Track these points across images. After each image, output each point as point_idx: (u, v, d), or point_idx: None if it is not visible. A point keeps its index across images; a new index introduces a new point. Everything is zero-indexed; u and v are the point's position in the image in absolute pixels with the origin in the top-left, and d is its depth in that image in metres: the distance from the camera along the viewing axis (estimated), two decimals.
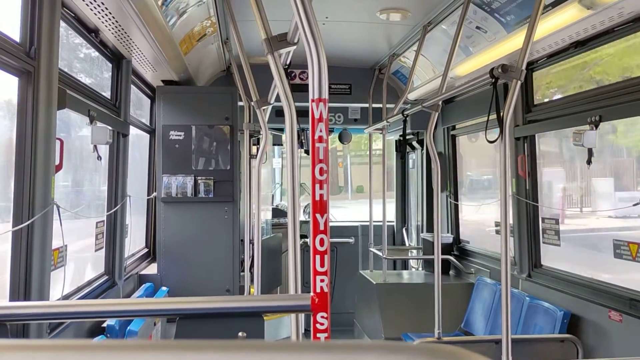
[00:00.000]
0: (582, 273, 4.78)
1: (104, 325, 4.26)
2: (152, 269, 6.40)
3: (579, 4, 3.69)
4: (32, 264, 3.11)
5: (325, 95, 2.05)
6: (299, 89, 5.89)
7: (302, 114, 2.48)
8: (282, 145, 9.36)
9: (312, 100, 2.05)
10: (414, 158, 8.66)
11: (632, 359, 3.47)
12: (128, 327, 4.41)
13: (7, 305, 2.48)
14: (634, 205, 3.82)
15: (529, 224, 5.34)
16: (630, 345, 3.91)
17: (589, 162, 4.28)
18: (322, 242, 2.01)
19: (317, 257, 2.02)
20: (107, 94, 4.96)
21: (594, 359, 4.29)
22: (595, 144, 4.21)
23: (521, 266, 5.37)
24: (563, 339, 4.37)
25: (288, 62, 3.38)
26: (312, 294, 1.99)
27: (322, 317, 1.92)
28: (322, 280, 1.98)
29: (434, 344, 0.56)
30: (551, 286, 4.93)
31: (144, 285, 5.89)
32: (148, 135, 6.68)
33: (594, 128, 4.18)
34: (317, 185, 2.03)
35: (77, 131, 4.72)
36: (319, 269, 1.99)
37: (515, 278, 5.33)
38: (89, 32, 4.28)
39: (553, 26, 4.13)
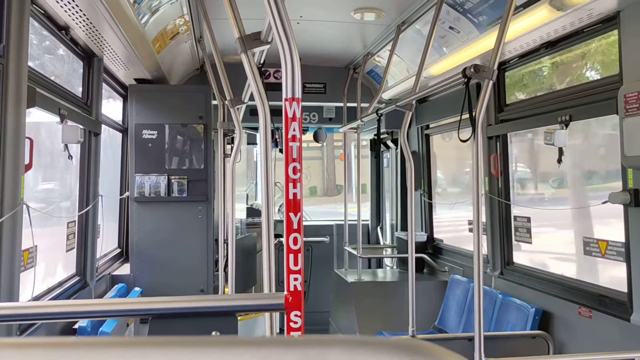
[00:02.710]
0: (552, 270, 4.86)
1: (76, 326, 4.20)
2: (124, 270, 6.33)
3: (549, 5, 3.75)
4: (0, 265, 3.05)
5: (299, 94, 2.05)
6: (273, 88, 5.88)
7: (277, 113, 2.48)
8: (256, 144, 9.33)
9: (286, 100, 2.05)
10: (388, 157, 8.70)
11: (601, 354, 3.53)
12: (100, 329, 4.36)
13: None
14: (603, 203, 3.89)
15: (501, 222, 5.40)
16: (599, 340, 3.99)
17: (559, 160, 4.35)
18: (295, 241, 2.01)
19: (291, 255, 2.02)
20: (78, 92, 4.89)
21: (564, 354, 4.36)
22: (565, 143, 4.28)
23: (494, 264, 5.43)
24: (534, 335, 4.44)
25: (262, 61, 3.37)
26: (285, 292, 1.99)
27: (296, 315, 1.92)
28: (295, 279, 1.98)
29: (401, 338, 0.57)
30: (523, 283, 5.00)
31: (116, 286, 5.82)
32: (120, 134, 6.61)
33: (565, 127, 4.25)
34: (291, 184, 2.04)
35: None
36: (292, 267, 1.99)
37: (488, 276, 5.39)
38: (59, 30, 4.21)
39: (524, 27, 4.19)
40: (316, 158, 20.71)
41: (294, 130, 2.03)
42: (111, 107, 6.37)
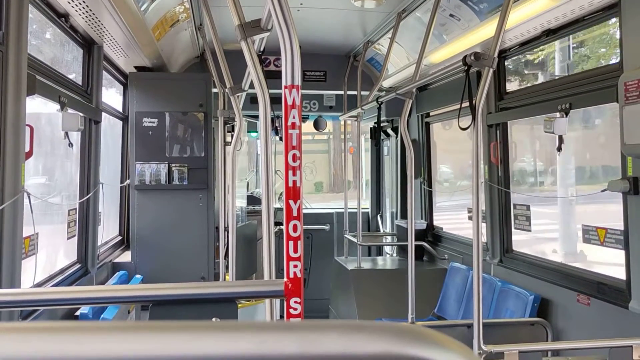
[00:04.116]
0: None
1: (77, 313, 4.23)
2: (125, 257, 6.35)
3: None
4: (2, 252, 3.06)
5: (299, 81, 2.05)
6: (274, 76, 5.86)
7: (277, 101, 2.48)
8: (257, 132, 9.32)
9: (285, 87, 2.05)
10: (389, 145, 8.70)
11: (599, 341, 3.55)
12: (102, 316, 4.38)
13: None
14: (602, 191, 3.90)
15: (500, 210, 5.41)
16: (597, 327, 4.01)
17: (559, 148, 4.35)
18: (295, 228, 2.02)
19: (291, 242, 2.03)
20: (78, 80, 4.88)
21: (562, 341, 4.39)
22: (565, 131, 4.28)
23: (493, 252, 5.45)
24: (533, 323, 4.46)
25: (262, 49, 3.37)
26: (285, 279, 2.00)
27: (296, 302, 1.94)
28: (295, 266, 1.99)
29: (396, 323, 0.58)
30: (522, 271, 5.02)
31: (117, 273, 5.85)
32: (121, 122, 6.60)
33: (565, 115, 4.25)
34: (290, 172, 2.04)
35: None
36: (292, 254, 2.01)
37: (487, 263, 5.41)
38: (59, 17, 4.20)
39: (525, 14, 4.17)
40: (322, 151, 19.62)
41: (294, 117, 2.04)
42: (111, 95, 6.37)
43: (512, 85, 5.38)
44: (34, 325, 0.58)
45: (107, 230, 6.07)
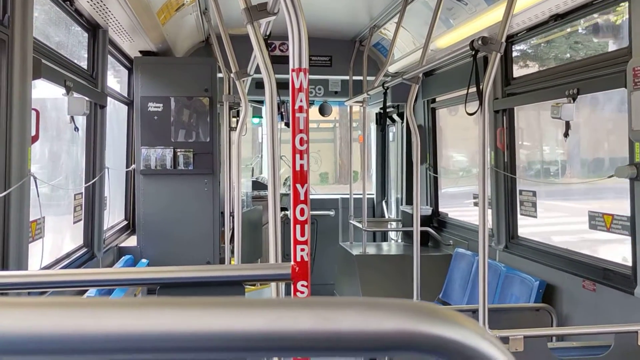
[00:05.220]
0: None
1: (85, 296, 4.26)
2: (131, 242, 6.38)
3: None
4: (9, 236, 3.08)
5: (306, 64, 2.04)
6: (279, 61, 5.83)
7: (282, 86, 2.47)
8: (262, 117, 9.31)
9: (293, 70, 2.04)
10: (394, 131, 8.68)
11: (604, 327, 3.56)
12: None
13: None
14: (609, 177, 3.88)
15: (506, 196, 5.40)
16: (602, 313, 4.01)
17: (566, 134, 4.33)
18: (302, 212, 2.02)
19: (298, 226, 2.03)
20: (83, 64, 4.87)
21: (567, 326, 4.39)
22: (573, 117, 4.25)
23: (498, 237, 5.45)
24: (538, 308, 4.47)
25: (268, 33, 3.35)
26: (292, 263, 2.00)
27: (303, 285, 1.94)
28: (302, 250, 2.00)
29: (410, 300, 0.58)
30: (527, 257, 5.02)
31: (123, 257, 5.87)
32: (126, 107, 6.60)
33: (572, 101, 4.22)
34: (298, 156, 2.04)
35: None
36: (299, 238, 2.01)
37: (492, 249, 5.41)
38: (64, 0, 4.18)
39: None
40: (328, 140, 18.49)
41: (301, 101, 2.03)
42: (116, 79, 6.36)
43: (519, 71, 5.34)
44: (50, 300, 0.58)
45: (113, 215, 6.09)
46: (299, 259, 2.00)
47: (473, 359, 0.53)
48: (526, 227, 5.34)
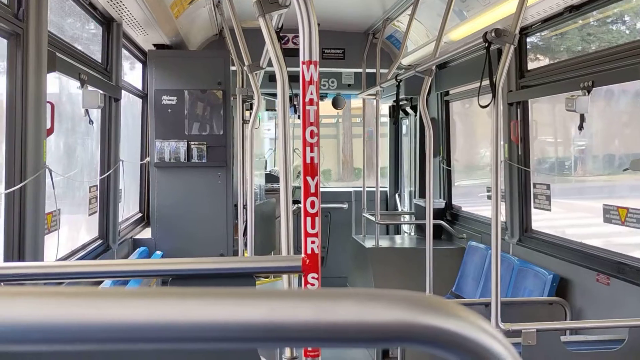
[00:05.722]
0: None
1: (100, 287, 4.30)
2: (146, 234, 6.43)
3: None
4: (25, 228, 3.12)
5: (316, 57, 2.04)
6: (292, 54, 5.80)
7: (295, 79, 2.47)
8: (275, 110, 9.31)
9: (303, 63, 2.04)
10: (407, 124, 8.65)
11: (619, 321, 3.54)
12: None
13: (1, 265, 2.50)
14: (624, 170, 3.84)
15: (520, 189, 5.37)
16: (617, 307, 3.99)
17: (580, 127, 4.29)
18: (312, 205, 2.03)
19: (308, 219, 2.04)
20: (97, 57, 4.91)
21: (581, 320, 4.37)
22: (587, 110, 4.21)
23: (512, 231, 5.42)
24: (552, 302, 4.45)
25: (280, 26, 3.35)
26: (303, 255, 2.01)
27: (313, 277, 1.95)
28: (312, 242, 2.01)
29: (410, 292, 0.58)
30: (541, 250, 4.99)
31: (138, 249, 5.93)
32: (140, 100, 6.64)
33: (587, 94, 4.18)
34: (308, 148, 2.04)
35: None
36: (309, 230, 2.02)
37: (506, 243, 5.39)
38: None
39: None
40: (330, 136, 17.59)
41: (312, 93, 2.03)
42: (131, 73, 6.39)
43: (533, 64, 5.30)
44: (67, 290, 0.59)
45: (128, 207, 6.14)
46: (309, 252, 2.01)
47: (472, 351, 0.54)
48: (539, 221, 5.31)
